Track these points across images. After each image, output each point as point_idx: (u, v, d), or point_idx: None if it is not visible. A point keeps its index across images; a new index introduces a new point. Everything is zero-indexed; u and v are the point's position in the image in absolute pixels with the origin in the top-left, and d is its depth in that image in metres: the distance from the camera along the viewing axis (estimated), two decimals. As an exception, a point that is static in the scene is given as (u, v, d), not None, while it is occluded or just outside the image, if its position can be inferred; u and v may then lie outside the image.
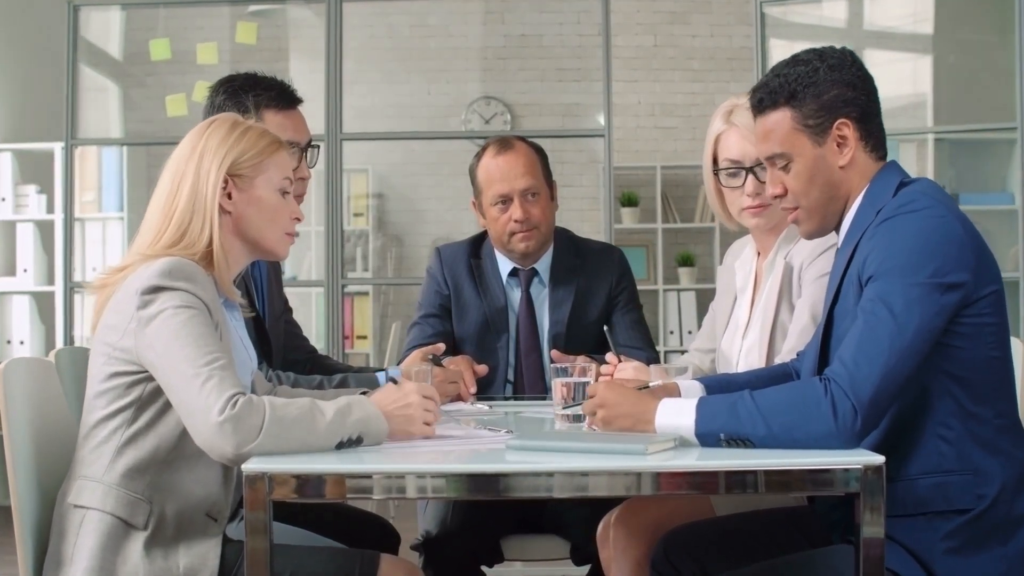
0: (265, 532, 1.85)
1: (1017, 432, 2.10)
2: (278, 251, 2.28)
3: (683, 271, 7.82)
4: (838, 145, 2.15)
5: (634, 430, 2.04)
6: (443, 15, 7.83)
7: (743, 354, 2.64)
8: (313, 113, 5.54)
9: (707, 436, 1.98)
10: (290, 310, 2.97)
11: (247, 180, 2.21)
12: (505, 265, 3.19)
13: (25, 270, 6.26)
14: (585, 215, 7.65)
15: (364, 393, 2.25)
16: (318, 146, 2.82)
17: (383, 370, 2.80)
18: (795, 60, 2.18)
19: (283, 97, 2.77)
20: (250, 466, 1.85)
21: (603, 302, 3.17)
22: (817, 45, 2.21)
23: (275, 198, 2.24)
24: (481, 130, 7.82)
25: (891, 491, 1.95)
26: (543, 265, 3.18)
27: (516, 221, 3.09)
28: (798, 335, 2.49)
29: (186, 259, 2.11)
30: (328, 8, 5.48)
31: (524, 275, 3.18)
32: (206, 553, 2.08)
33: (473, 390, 2.89)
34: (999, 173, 5.73)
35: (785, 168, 2.18)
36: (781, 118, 2.16)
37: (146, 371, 2.07)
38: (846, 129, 2.14)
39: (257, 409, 1.96)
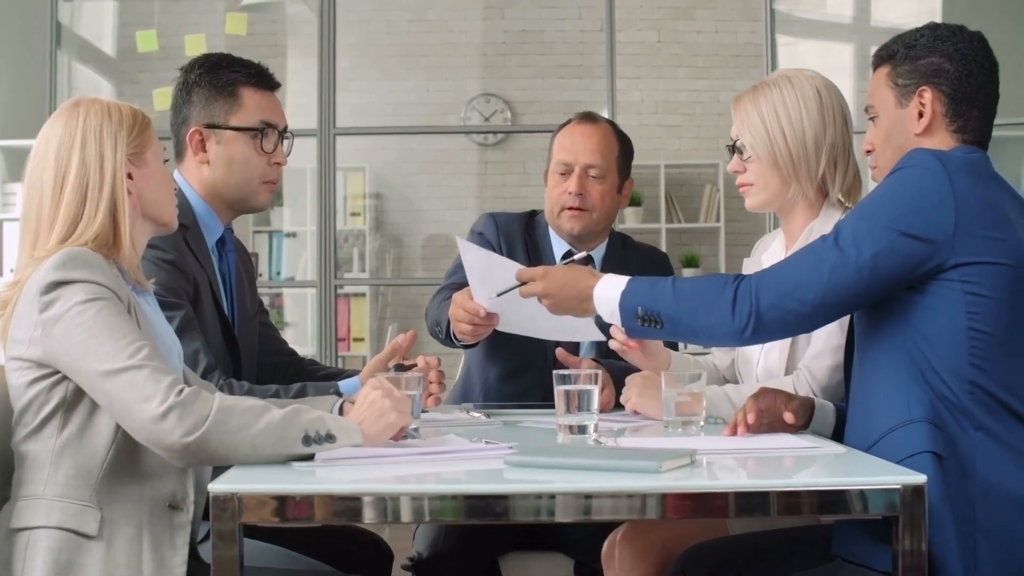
0: (235, 553, 1.65)
1: (1005, 413, 1.96)
2: (172, 224, 2.16)
3: (688, 272, 7.67)
4: (919, 113, 2.14)
5: (578, 301, 2.19)
6: (442, 10, 7.73)
7: (763, 352, 2.51)
8: (308, 108, 5.47)
9: (627, 308, 2.12)
10: (265, 312, 2.81)
11: (139, 156, 2.06)
12: (560, 246, 3.05)
13: (12, 271, 6.09)
14: (587, 215, 7.52)
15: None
16: (292, 136, 2.67)
17: (354, 373, 2.60)
18: (914, 29, 2.21)
19: (261, 77, 2.65)
20: (218, 487, 1.67)
21: None
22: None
23: (164, 169, 2.13)
24: (480, 126, 7.71)
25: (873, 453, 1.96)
26: (598, 255, 3.05)
27: (570, 193, 2.96)
28: (825, 339, 2.36)
29: (79, 247, 1.94)
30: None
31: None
32: (172, 558, 1.90)
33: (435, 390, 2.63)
34: (1012, 171, 5.64)
35: (874, 123, 2.22)
36: (880, 74, 2.21)
37: None
38: (927, 96, 2.13)
39: (204, 398, 1.81)
